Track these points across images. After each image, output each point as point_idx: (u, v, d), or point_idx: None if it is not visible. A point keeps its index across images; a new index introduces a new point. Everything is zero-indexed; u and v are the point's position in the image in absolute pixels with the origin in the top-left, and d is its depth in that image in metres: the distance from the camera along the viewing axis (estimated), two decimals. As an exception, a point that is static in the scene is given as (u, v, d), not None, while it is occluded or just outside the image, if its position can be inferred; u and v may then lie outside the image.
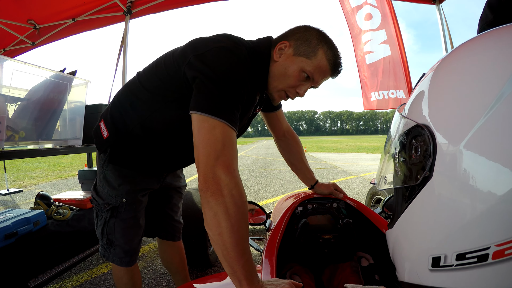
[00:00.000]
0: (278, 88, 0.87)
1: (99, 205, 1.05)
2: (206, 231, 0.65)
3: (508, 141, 0.36)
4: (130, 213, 1.04)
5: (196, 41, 0.83)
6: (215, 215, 0.62)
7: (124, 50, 3.08)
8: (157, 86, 0.87)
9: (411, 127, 0.50)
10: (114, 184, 1.01)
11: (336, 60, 0.84)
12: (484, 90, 0.40)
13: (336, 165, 8.81)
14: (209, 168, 0.64)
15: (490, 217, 0.36)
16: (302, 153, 1.26)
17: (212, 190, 0.63)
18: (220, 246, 0.62)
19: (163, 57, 0.90)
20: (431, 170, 0.43)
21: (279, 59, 0.85)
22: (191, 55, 0.77)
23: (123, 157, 0.99)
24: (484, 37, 0.46)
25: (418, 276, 0.46)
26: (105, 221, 1.04)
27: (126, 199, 1.02)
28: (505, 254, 0.35)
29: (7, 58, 1.46)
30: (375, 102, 3.96)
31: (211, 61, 0.74)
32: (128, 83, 0.98)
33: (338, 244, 0.97)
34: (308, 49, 0.82)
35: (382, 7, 3.69)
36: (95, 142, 1.03)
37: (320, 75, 0.85)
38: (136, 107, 0.92)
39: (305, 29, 0.85)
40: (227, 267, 0.63)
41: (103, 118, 1.01)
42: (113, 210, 1.03)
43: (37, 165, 9.19)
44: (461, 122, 0.41)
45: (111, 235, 1.05)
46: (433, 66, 0.53)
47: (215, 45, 0.77)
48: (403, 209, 0.50)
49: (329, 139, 53.28)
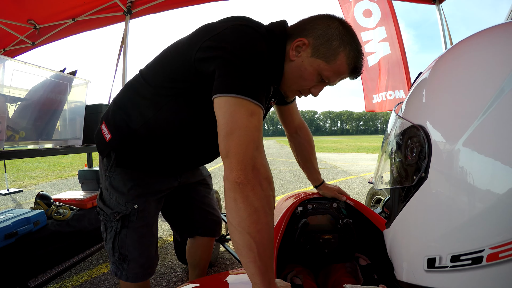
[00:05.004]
0: (292, 88, 0.82)
1: (107, 216, 0.93)
2: (233, 228, 0.58)
3: (508, 140, 0.35)
4: (143, 221, 0.93)
5: (206, 25, 0.75)
6: (255, 211, 0.57)
7: (124, 50, 3.09)
8: (163, 79, 0.79)
9: (407, 128, 0.49)
10: (123, 189, 0.91)
11: (357, 64, 0.77)
12: (482, 87, 0.39)
13: (336, 165, 8.80)
14: (249, 160, 0.58)
15: (485, 219, 0.36)
16: (312, 153, 1.22)
17: (253, 184, 0.57)
18: (257, 244, 0.56)
19: (168, 49, 0.82)
20: (426, 171, 0.43)
21: (295, 58, 0.76)
22: (204, 39, 0.69)
23: (130, 159, 0.90)
24: (480, 35, 0.46)
25: (414, 276, 0.47)
26: (115, 233, 0.93)
27: (138, 205, 0.92)
28: (499, 257, 0.35)
29: (7, 58, 1.46)
30: (376, 104, 3.96)
31: (231, 37, 0.66)
32: (130, 82, 0.91)
33: (338, 244, 0.97)
34: (328, 52, 0.73)
35: (382, 4, 3.69)
36: (97, 147, 0.95)
37: (338, 78, 0.79)
38: (140, 106, 0.84)
39: (327, 25, 0.74)
40: (260, 266, 0.57)
41: (104, 120, 0.93)
42: (124, 219, 0.92)
43: (37, 165, 9.19)
44: (458, 121, 0.40)
45: (123, 249, 0.93)
46: (430, 65, 0.52)
47: (231, 23, 0.70)
48: (400, 209, 0.50)
49: (329, 139, 53.24)
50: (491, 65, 0.40)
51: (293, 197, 1.16)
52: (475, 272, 0.37)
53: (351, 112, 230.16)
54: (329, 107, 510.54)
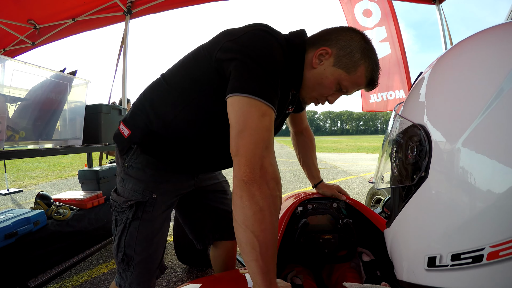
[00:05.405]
0: (311, 95, 0.84)
1: (119, 205, 0.86)
2: (237, 225, 0.59)
3: (507, 139, 0.35)
4: (159, 214, 0.86)
5: (228, 30, 0.78)
6: (260, 210, 0.58)
7: (124, 50, 3.09)
8: (189, 82, 0.79)
9: (407, 127, 0.49)
10: (142, 176, 0.85)
11: (374, 76, 0.80)
12: (482, 87, 0.39)
13: (336, 165, 8.81)
14: (257, 159, 0.60)
15: (485, 218, 0.36)
16: (313, 152, 1.28)
17: (259, 183, 0.58)
18: (260, 243, 0.57)
19: (192, 52, 0.84)
20: (426, 170, 0.43)
21: (318, 66, 0.79)
22: (225, 40, 0.72)
23: (152, 150, 0.86)
24: (479, 36, 0.46)
25: (415, 275, 0.47)
26: (124, 226, 0.85)
27: (156, 194, 0.85)
28: (500, 255, 0.35)
29: (7, 58, 1.46)
30: (374, 104, 3.97)
31: (249, 41, 0.69)
32: (151, 85, 0.90)
33: (338, 244, 0.97)
34: (350, 63, 0.76)
35: (382, 4, 3.69)
36: (118, 146, 0.91)
37: (355, 88, 0.82)
38: (161, 109, 0.83)
39: (351, 37, 0.77)
40: (262, 265, 0.57)
41: (122, 121, 0.91)
42: (138, 207, 0.84)
43: (37, 165, 9.19)
44: (458, 120, 0.41)
45: (129, 248, 0.84)
46: (430, 65, 0.53)
47: (251, 28, 0.73)
48: (400, 209, 0.50)
49: (329, 139, 53.28)
50: (490, 64, 0.40)
51: (293, 197, 1.16)
52: (476, 271, 0.37)
53: (351, 112, 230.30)
54: (329, 107, 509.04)
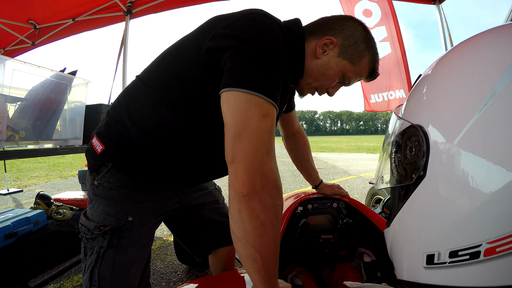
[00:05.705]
0: (312, 85, 0.79)
1: (90, 231, 0.73)
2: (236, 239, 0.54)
3: (500, 139, 0.36)
4: (138, 241, 0.75)
5: (219, 16, 0.67)
6: (261, 224, 0.52)
7: (124, 50, 3.09)
8: (170, 80, 0.68)
9: (406, 128, 0.50)
10: (116, 196, 0.73)
11: (375, 66, 0.77)
12: (477, 88, 0.40)
13: (336, 165, 8.81)
14: (257, 166, 0.52)
15: (482, 214, 0.37)
16: (309, 153, 1.23)
17: (260, 195, 0.52)
18: (262, 257, 0.54)
19: (173, 45, 0.73)
20: (425, 169, 0.44)
21: (322, 56, 0.73)
22: (218, 27, 0.61)
23: (128, 167, 0.74)
24: (478, 37, 0.47)
25: (414, 273, 0.47)
26: (97, 256, 0.71)
27: (132, 217, 0.74)
28: (497, 252, 0.35)
29: (7, 58, 1.46)
30: (375, 104, 3.97)
31: (248, 27, 0.59)
32: (126, 89, 0.79)
33: (338, 244, 0.98)
34: (355, 54, 0.73)
35: (382, 4, 3.70)
36: (88, 163, 0.79)
37: (357, 79, 0.79)
38: (140, 115, 0.72)
39: (355, 27, 0.73)
40: (264, 275, 0.55)
41: (95, 133, 0.78)
42: (113, 235, 0.72)
43: (37, 165, 9.19)
44: (454, 120, 0.42)
45: (104, 281, 0.71)
46: (430, 66, 0.54)
47: (248, 12, 0.63)
48: (399, 208, 0.51)
49: (329, 139, 53.28)
50: (485, 66, 0.41)
51: (293, 197, 1.16)
52: (473, 267, 0.38)
53: (351, 112, 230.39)
54: (329, 107, 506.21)
